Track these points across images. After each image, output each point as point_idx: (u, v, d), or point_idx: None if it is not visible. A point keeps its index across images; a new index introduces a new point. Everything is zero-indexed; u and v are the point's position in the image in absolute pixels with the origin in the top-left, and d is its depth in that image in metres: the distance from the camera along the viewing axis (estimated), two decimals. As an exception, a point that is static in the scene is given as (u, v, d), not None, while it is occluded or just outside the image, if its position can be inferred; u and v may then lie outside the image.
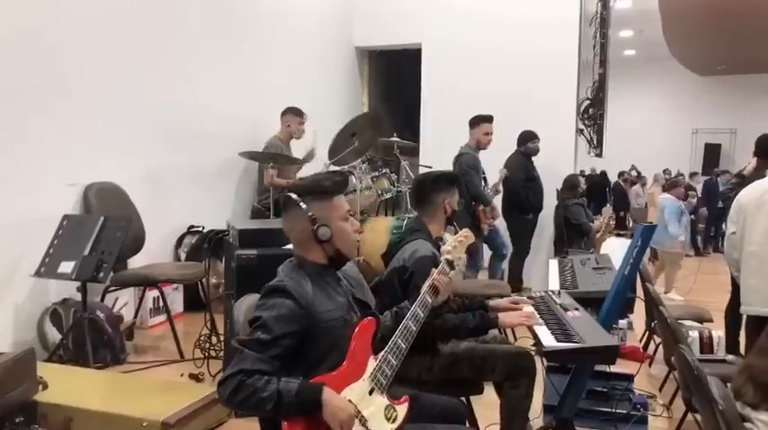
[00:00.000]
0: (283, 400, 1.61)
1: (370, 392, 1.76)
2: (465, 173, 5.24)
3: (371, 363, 1.81)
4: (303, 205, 1.88)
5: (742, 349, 4.10)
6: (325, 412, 1.63)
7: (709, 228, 11.48)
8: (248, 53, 5.66)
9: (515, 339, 4.13)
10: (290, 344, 1.72)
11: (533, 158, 6.11)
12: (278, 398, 1.61)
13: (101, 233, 3.48)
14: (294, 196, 1.91)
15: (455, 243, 2.35)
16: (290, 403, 1.62)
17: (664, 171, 13.82)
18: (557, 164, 6.54)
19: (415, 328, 1.93)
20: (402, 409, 1.81)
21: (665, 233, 7.08)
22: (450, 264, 2.27)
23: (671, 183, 8.28)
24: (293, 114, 5.51)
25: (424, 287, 2.08)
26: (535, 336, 2.34)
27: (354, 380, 1.76)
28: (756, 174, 4.60)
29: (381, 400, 1.78)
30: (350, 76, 7.71)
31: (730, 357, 3.44)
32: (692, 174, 13.45)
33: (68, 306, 3.73)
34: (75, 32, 3.93)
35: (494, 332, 2.79)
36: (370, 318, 1.91)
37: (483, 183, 5.53)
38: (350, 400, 1.69)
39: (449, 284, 2.15)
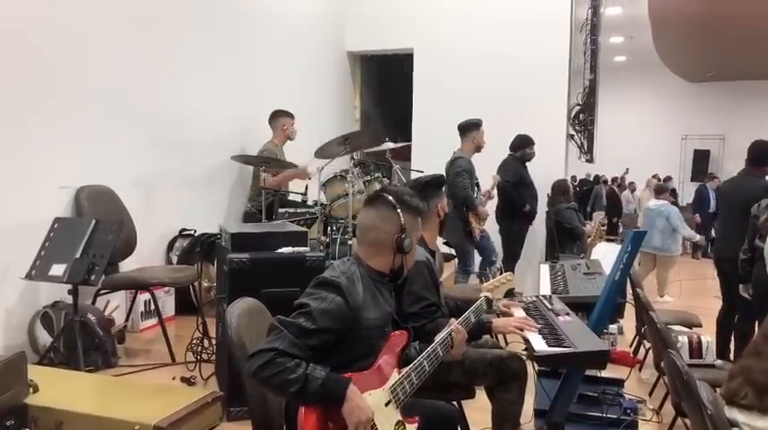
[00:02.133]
0: (309, 386, 1.63)
1: (387, 403, 1.79)
2: (458, 174, 5.25)
3: (394, 376, 1.84)
4: (399, 211, 1.91)
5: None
6: (345, 408, 1.65)
7: (699, 233, 11.57)
8: (240, 57, 5.66)
9: (506, 343, 4.15)
10: (328, 340, 1.74)
11: (527, 163, 6.16)
12: (304, 383, 1.63)
13: (92, 236, 3.46)
14: (392, 199, 1.93)
15: (497, 283, 2.47)
16: (314, 391, 1.64)
17: (653, 176, 13.93)
18: (548, 169, 6.58)
19: (442, 354, 1.98)
20: (411, 429, 1.84)
21: (662, 237, 7.14)
22: (489, 302, 2.39)
23: (659, 188, 8.35)
24: (287, 116, 5.52)
25: (443, 334, 2.07)
26: (526, 341, 2.36)
27: (375, 387, 1.78)
28: (738, 179, 4.67)
29: (394, 414, 1.80)
30: (342, 80, 7.73)
31: (719, 362, 3.48)
32: (666, 179, 13.52)
33: (59, 309, 3.72)
34: (66, 35, 3.91)
35: (486, 336, 2.80)
36: (403, 331, 1.93)
37: (476, 189, 5.55)
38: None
39: (464, 337, 2.13)
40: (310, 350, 1.69)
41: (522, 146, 6.09)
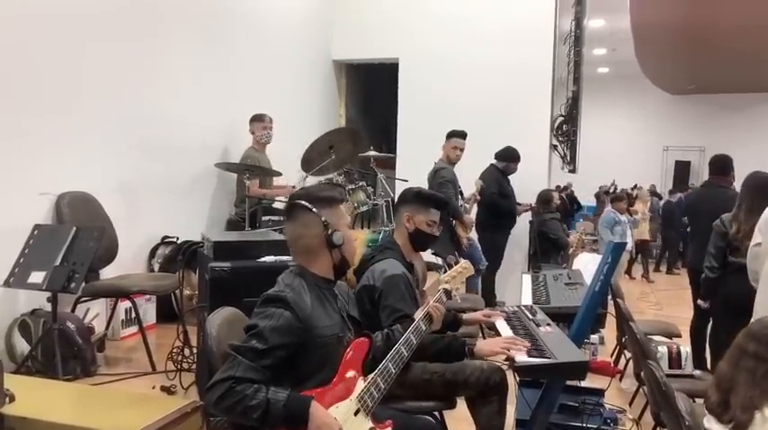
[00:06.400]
0: (271, 410, 1.61)
1: (356, 413, 1.77)
2: (443, 185, 5.28)
3: (360, 384, 1.82)
4: (315, 211, 1.89)
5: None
6: (310, 427, 1.64)
7: (677, 245, 11.73)
8: (225, 64, 5.65)
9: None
10: (284, 356, 1.72)
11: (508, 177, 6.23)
12: (266, 408, 1.61)
13: (73, 243, 3.42)
14: (305, 203, 1.91)
15: (454, 273, 2.42)
16: (277, 414, 1.62)
17: (633, 187, 14.08)
18: (531, 179, 6.63)
19: (407, 354, 1.96)
20: None
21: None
22: (448, 293, 2.33)
23: (615, 197, 8.63)
24: (255, 121, 5.50)
25: (420, 314, 2.10)
26: (508, 351, 2.36)
27: (342, 398, 1.76)
28: (705, 190, 4.88)
29: (366, 423, 1.79)
30: (327, 88, 7.74)
31: (698, 372, 3.51)
32: (650, 188, 13.75)
33: (38, 317, 3.66)
34: (47, 39, 3.88)
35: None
36: (363, 337, 1.91)
37: (460, 197, 5.59)
38: (335, 419, 1.69)
39: (443, 314, 2.18)
40: (268, 370, 1.67)
41: (509, 158, 6.15)
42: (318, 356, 1.80)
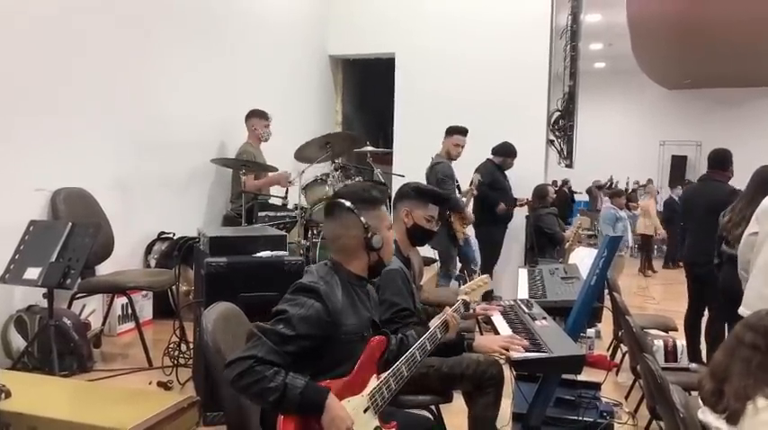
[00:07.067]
0: (287, 395, 1.62)
1: (365, 410, 1.78)
2: (443, 181, 5.29)
3: (373, 382, 1.83)
4: (356, 212, 1.89)
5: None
6: (324, 417, 1.64)
7: (676, 240, 11.77)
8: (221, 60, 5.64)
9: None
10: (307, 346, 1.73)
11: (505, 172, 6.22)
12: (283, 392, 1.62)
13: (68, 239, 3.42)
14: (348, 203, 1.90)
15: (474, 286, 2.46)
16: (293, 399, 1.62)
17: (636, 183, 14.13)
18: (528, 174, 6.63)
19: (420, 358, 1.97)
20: None
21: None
22: (467, 305, 2.37)
23: (613, 193, 8.62)
24: (258, 117, 5.48)
25: (437, 322, 2.11)
26: (504, 345, 2.37)
27: (354, 393, 1.77)
28: (702, 184, 4.88)
29: (373, 421, 1.80)
30: (323, 83, 7.74)
31: (693, 365, 3.53)
32: (648, 181, 13.75)
33: (34, 313, 3.65)
34: (43, 36, 3.86)
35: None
36: (381, 337, 1.92)
37: (457, 192, 5.59)
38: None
39: (459, 323, 2.21)
40: (289, 356, 1.68)
41: (505, 154, 6.15)
42: (341, 351, 1.81)
